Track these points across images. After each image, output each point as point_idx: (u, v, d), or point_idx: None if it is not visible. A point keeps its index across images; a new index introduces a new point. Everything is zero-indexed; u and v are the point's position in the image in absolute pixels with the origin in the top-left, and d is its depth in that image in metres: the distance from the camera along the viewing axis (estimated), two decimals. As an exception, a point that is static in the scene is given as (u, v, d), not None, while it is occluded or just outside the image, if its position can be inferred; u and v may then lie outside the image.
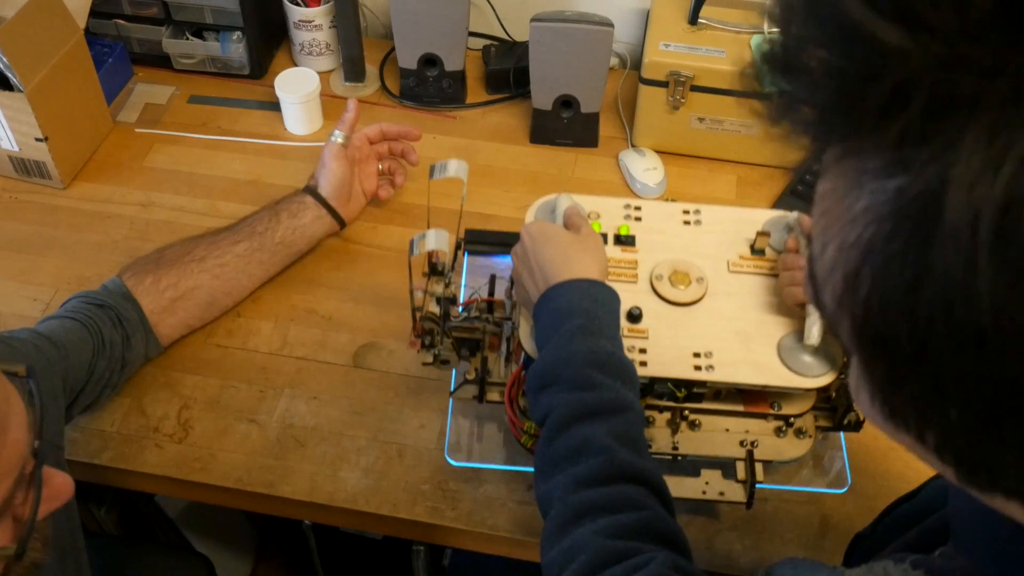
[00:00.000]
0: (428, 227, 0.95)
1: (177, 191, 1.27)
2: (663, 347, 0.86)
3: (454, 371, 1.01)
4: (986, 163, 0.29)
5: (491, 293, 0.98)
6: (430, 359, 0.95)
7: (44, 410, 0.60)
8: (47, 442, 0.60)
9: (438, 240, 0.84)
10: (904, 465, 1.00)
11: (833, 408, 0.94)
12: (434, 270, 0.95)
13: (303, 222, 1.13)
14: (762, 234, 0.91)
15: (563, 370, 0.74)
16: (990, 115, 0.29)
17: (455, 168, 0.92)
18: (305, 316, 1.13)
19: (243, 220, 1.12)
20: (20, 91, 1.14)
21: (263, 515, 1.60)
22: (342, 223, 1.17)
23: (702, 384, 0.86)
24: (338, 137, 1.16)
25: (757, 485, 0.90)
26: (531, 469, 0.94)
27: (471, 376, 0.95)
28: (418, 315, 0.92)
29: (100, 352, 0.96)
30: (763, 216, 0.94)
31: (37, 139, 1.19)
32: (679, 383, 0.87)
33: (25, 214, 1.23)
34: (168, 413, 1.03)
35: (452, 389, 0.99)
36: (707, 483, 0.92)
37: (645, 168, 1.26)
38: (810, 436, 0.92)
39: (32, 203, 1.24)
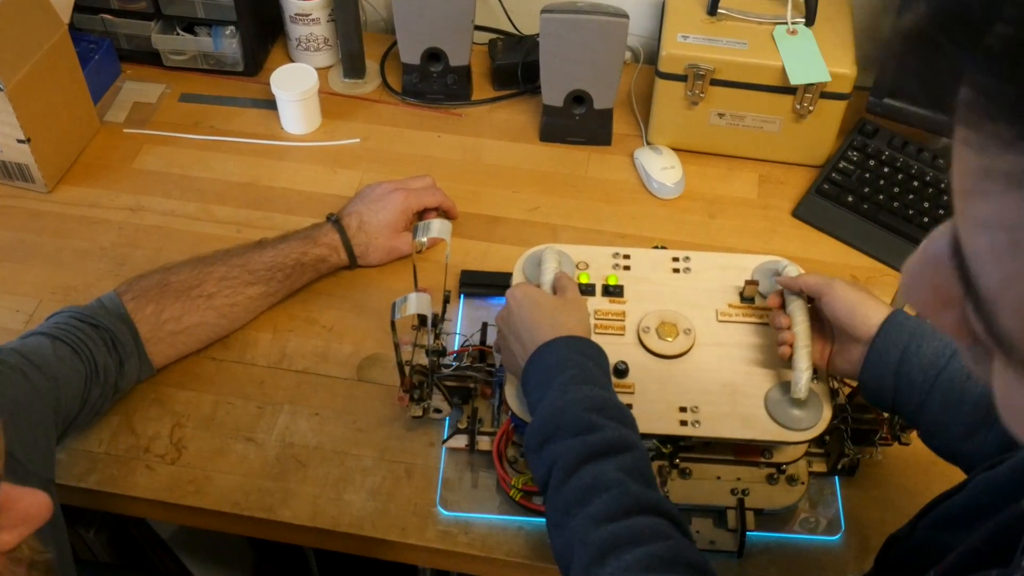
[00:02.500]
0: (416, 286, 0.92)
1: (168, 194, 1.20)
2: (649, 402, 0.85)
3: (447, 420, 0.97)
4: None
5: (483, 341, 0.97)
6: (419, 412, 0.93)
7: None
8: (17, 462, 0.56)
9: (419, 304, 0.84)
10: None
11: (827, 453, 0.93)
12: (423, 322, 0.93)
13: (323, 269, 1.07)
14: (750, 283, 0.92)
15: (562, 419, 0.72)
16: None
17: (438, 229, 0.89)
18: (305, 327, 1.06)
19: (261, 253, 1.02)
20: (1, 90, 1.07)
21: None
22: (354, 266, 1.10)
23: (687, 439, 0.85)
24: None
25: (748, 534, 0.88)
26: (525, 519, 0.90)
27: (463, 425, 0.93)
28: (407, 369, 0.90)
29: (93, 379, 0.89)
30: (754, 262, 0.95)
31: (19, 140, 1.12)
32: (664, 439, 0.86)
33: (7, 220, 1.16)
34: (160, 432, 0.97)
35: (444, 438, 0.95)
36: (698, 532, 0.90)
37: (662, 167, 1.20)
38: (803, 483, 0.90)
39: (14, 208, 1.17)
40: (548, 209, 1.19)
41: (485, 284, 1.08)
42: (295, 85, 1.23)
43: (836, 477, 0.94)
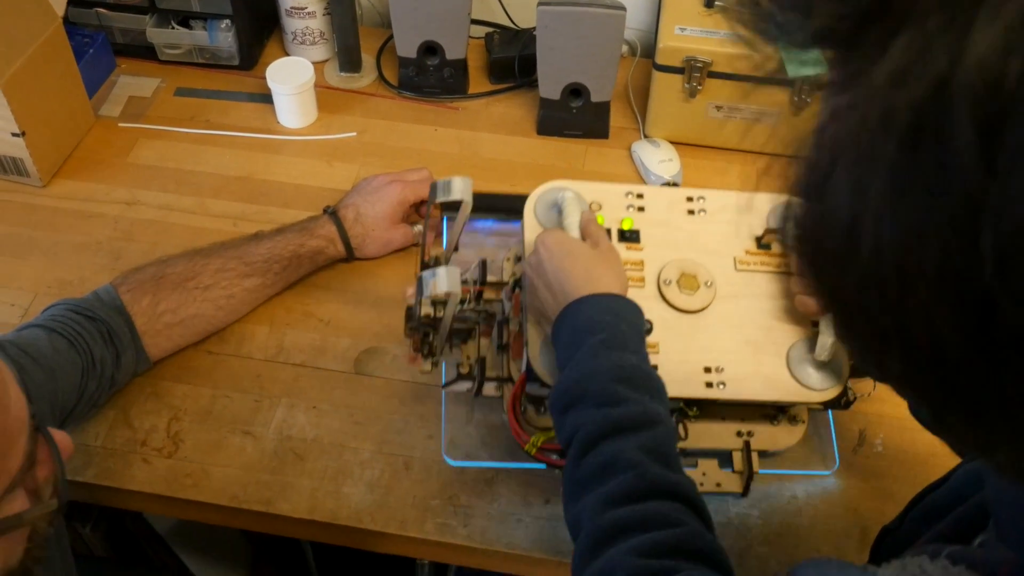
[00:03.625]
0: (423, 257, 0.90)
1: (164, 188, 1.19)
2: (674, 363, 0.83)
3: (444, 364, 0.95)
4: (899, 79, 0.27)
5: (483, 281, 0.93)
6: (429, 368, 0.91)
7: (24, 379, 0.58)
8: (37, 406, 0.60)
9: (451, 281, 0.79)
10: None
11: None
12: (424, 266, 0.90)
13: (320, 261, 1.07)
14: (770, 231, 0.89)
15: (587, 387, 0.70)
16: (918, 27, 0.27)
17: (460, 189, 0.85)
18: (302, 320, 1.05)
19: (257, 245, 1.02)
20: (-6, 82, 1.07)
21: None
22: (351, 259, 1.09)
23: (713, 402, 0.84)
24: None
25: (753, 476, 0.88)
26: (534, 465, 0.89)
27: (464, 370, 0.90)
28: (415, 328, 0.87)
29: (90, 373, 0.88)
30: (769, 201, 0.88)
31: (14, 134, 1.12)
32: (691, 402, 0.84)
33: (1, 214, 1.15)
34: (156, 425, 0.96)
35: (443, 383, 0.92)
36: (704, 474, 0.90)
37: (660, 160, 1.20)
38: (803, 422, 0.90)
39: (9, 203, 1.17)
40: (545, 202, 1.18)
41: (478, 208, 1.01)
42: (291, 79, 1.22)
43: (829, 410, 0.94)
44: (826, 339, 0.81)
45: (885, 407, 0.99)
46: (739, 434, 0.89)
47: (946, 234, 0.27)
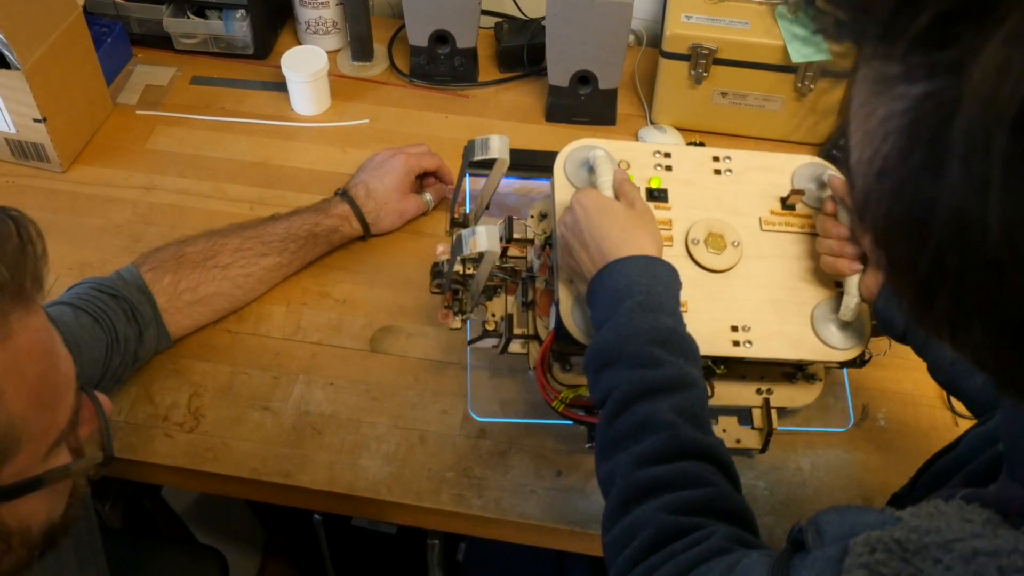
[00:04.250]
0: (453, 215, 0.91)
1: (181, 174, 1.22)
2: (702, 321, 0.84)
3: (468, 321, 0.96)
4: (1003, 71, 0.28)
5: (509, 238, 0.94)
6: (458, 325, 0.92)
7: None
8: (77, 370, 0.61)
9: (490, 240, 0.79)
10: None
11: None
12: (455, 224, 0.91)
13: (335, 240, 1.09)
14: (796, 192, 0.90)
15: (624, 348, 0.71)
16: (1013, 22, 0.28)
17: (498, 147, 0.85)
18: (319, 300, 1.08)
19: (274, 225, 1.05)
20: (18, 69, 1.09)
21: (271, 511, 1.56)
22: (368, 235, 1.12)
23: (739, 360, 0.85)
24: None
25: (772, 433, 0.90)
26: (557, 422, 0.91)
27: (491, 327, 0.91)
28: (442, 280, 0.88)
29: (114, 348, 0.91)
30: (793, 162, 0.93)
31: (35, 120, 1.14)
32: (718, 360, 0.85)
33: (23, 199, 1.18)
34: (178, 401, 0.99)
35: (469, 339, 0.94)
36: (724, 431, 0.92)
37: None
38: (820, 380, 0.92)
39: (30, 187, 1.19)
40: (555, 186, 1.21)
41: (491, 162, 1.01)
42: (305, 67, 1.25)
43: (845, 370, 0.96)
44: (851, 299, 0.82)
45: (888, 383, 1.02)
46: (759, 392, 0.90)
47: None
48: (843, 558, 0.44)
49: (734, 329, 0.84)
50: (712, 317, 0.84)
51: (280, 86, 1.30)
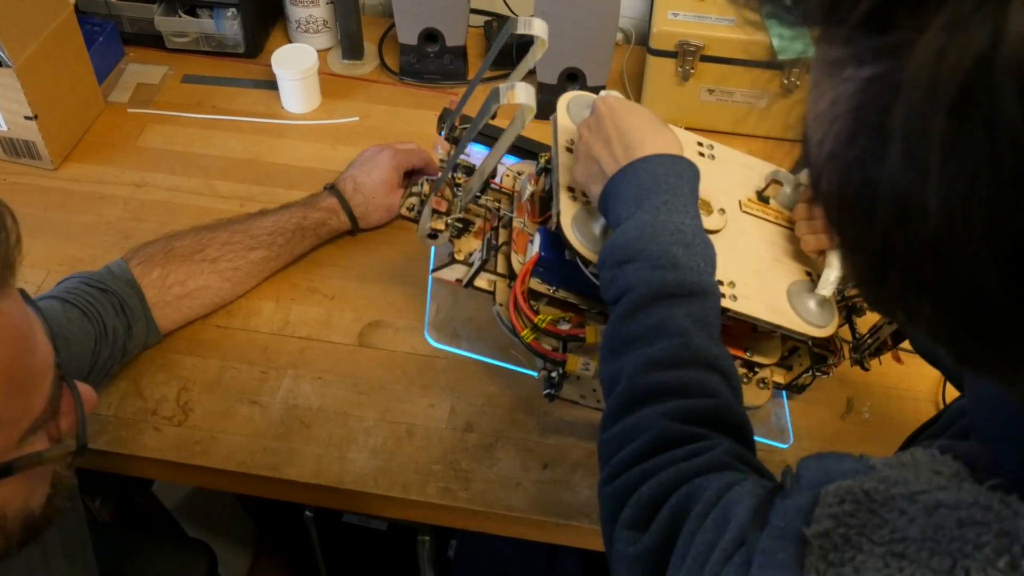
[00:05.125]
0: (453, 124, 0.90)
1: (172, 171, 1.23)
2: None
3: (433, 249, 0.96)
4: (941, 57, 0.28)
5: (493, 175, 0.95)
6: (442, 226, 0.90)
7: (51, 327, 0.61)
8: (62, 357, 0.61)
9: (527, 94, 0.73)
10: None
11: (789, 367, 0.95)
12: (452, 140, 0.92)
13: (323, 233, 1.10)
14: (775, 181, 0.91)
15: (647, 245, 0.69)
16: (952, 8, 0.28)
17: (540, 26, 0.83)
18: (307, 295, 1.09)
19: (262, 219, 1.06)
20: (9, 66, 1.10)
21: (263, 508, 1.57)
22: (356, 230, 1.13)
23: (724, 311, 0.84)
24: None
25: None
26: (506, 365, 0.90)
27: (459, 256, 0.91)
28: (450, 135, 0.89)
29: (103, 341, 0.91)
30: (768, 167, 0.95)
31: (26, 117, 1.15)
32: None
33: (15, 195, 1.19)
34: (167, 396, 0.99)
35: (432, 267, 0.94)
36: None
37: (654, 142, 1.23)
38: (769, 388, 0.93)
39: (22, 184, 1.20)
40: (543, 183, 1.22)
41: (495, 136, 1.04)
42: (296, 64, 1.26)
43: (784, 392, 0.98)
44: (831, 272, 0.83)
45: (872, 376, 1.02)
46: None
47: (996, 195, 0.29)
48: (813, 508, 0.44)
49: (720, 283, 0.84)
50: None
51: (271, 84, 1.31)
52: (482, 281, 0.92)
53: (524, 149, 1.08)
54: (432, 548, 1.30)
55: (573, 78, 1.25)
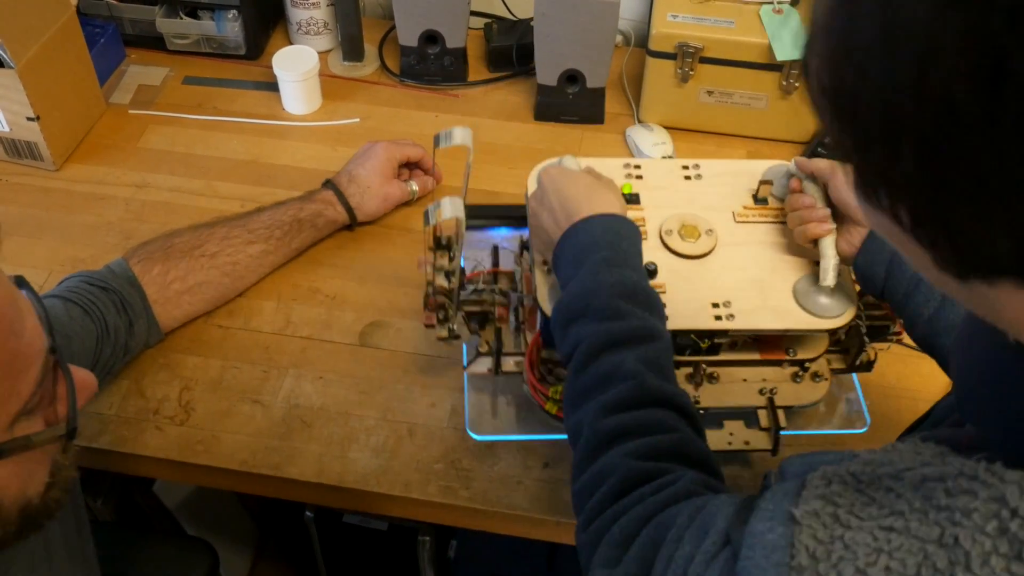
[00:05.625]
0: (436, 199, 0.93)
1: (173, 172, 1.23)
2: (681, 300, 0.86)
3: (464, 346, 0.99)
4: None
5: (495, 264, 0.98)
6: (445, 333, 0.93)
7: (46, 313, 0.61)
8: (58, 342, 0.61)
9: (454, 208, 0.82)
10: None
11: (845, 350, 0.95)
12: (439, 244, 0.93)
13: (320, 225, 1.10)
14: (764, 183, 0.93)
15: (590, 301, 0.73)
16: None
17: (460, 136, 0.89)
18: (308, 295, 1.09)
19: (260, 214, 1.07)
20: (11, 67, 1.10)
21: (263, 508, 1.57)
22: (354, 222, 1.14)
23: (723, 333, 0.86)
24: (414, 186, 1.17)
25: (781, 432, 0.90)
26: (552, 436, 0.93)
27: (484, 349, 0.93)
28: (429, 289, 0.90)
29: (104, 339, 0.92)
30: (761, 166, 0.96)
31: (28, 118, 1.15)
32: (702, 334, 0.87)
33: (17, 196, 1.19)
34: (168, 395, 1.00)
35: (465, 364, 0.97)
36: (731, 434, 0.92)
37: (654, 143, 1.24)
38: (826, 379, 0.93)
39: (24, 185, 1.20)
40: (543, 184, 1.22)
41: (486, 216, 1.08)
42: (297, 66, 1.26)
43: (854, 374, 0.97)
44: (828, 261, 0.83)
45: (872, 377, 1.03)
46: (762, 392, 0.91)
47: (968, 4, 0.31)
48: (801, 491, 0.45)
49: (715, 306, 0.86)
50: (692, 297, 0.86)
51: (271, 86, 1.31)
52: (509, 364, 0.94)
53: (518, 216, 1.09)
54: (432, 548, 1.31)
55: (573, 79, 1.26)
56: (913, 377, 1.03)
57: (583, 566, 0.66)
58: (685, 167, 0.96)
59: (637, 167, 0.96)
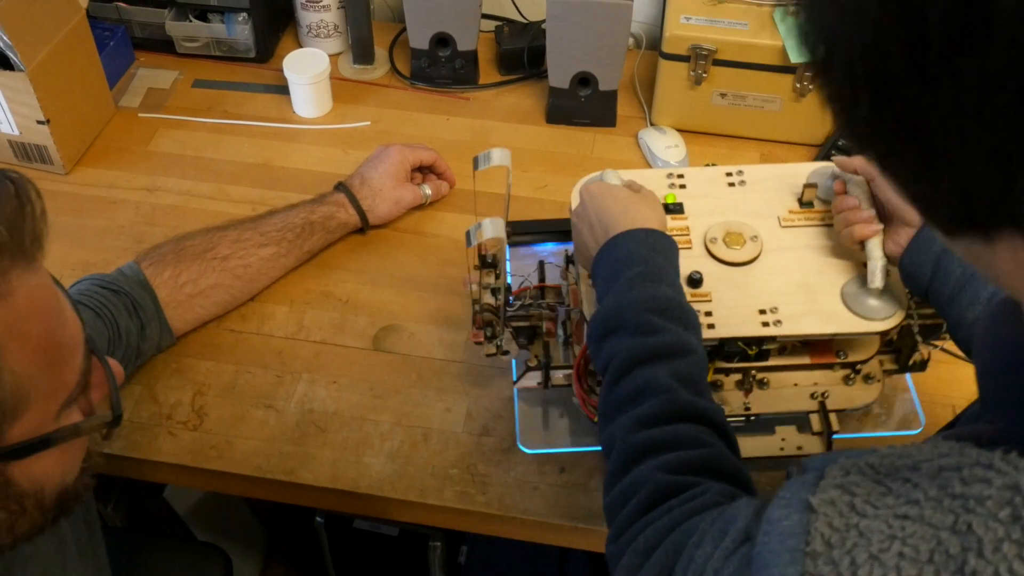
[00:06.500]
0: (477, 219, 0.93)
1: (184, 175, 1.22)
2: (728, 308, 0.86)
3: (513, 362, 0.99)
4: None
5: (541, 279, 0.98)
6: (493, 349, 0.94)
7: (75, 306, 0.62)
8: (87, 335, 0.62)
9: (494, 228, 0.81)
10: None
11: (897, 350, 0.93)
12: (484, 262, 0.94)
13: (332, 227, 1.10)
14: (809, 186, 0.92)
15: (624, 316, 0.73)
16: None
17: (499, 157, 0.88)
18: (321, 299, 1.08)
19: (271, 217, 1.06)
20: (21, 70, 1.10)
21: (273, 514, 1.56)
22: (366, 225, 1.13)
23: (772, 339, 0.86)
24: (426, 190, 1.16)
25: (834, 436, 0.89)
26: (600, 448, 0.92)
27: (532, 363, 0.94)
28: (476, 308, 0.91)
29: (116, 342, 0.91)
30: (806, 169, 0.95)
31: (39, 122, 1.15)
32: (749, 341, 0.86)
33: (26, 200, 1.18)
34: (181, 400, 0.99)
35: (515, 379, 0.97)
36: (783, 439, 0.92)
37: (666, 146, 1.23)
38: (879, 381, 0.92)
39: (33, 189, 1.20)
40: (556, 187, 1.22)
41: (531, 232, 1.07)
42: (307, 69, 1.26)
43: (908, 374, 0.96)
44: (876, 263, 0.82)
45: (900, 380, 1.01)
46: (813, 396, 0.91)
47: None
48: (819, 481, 0.45)
49: (762, 312, 0.85)
50: (738, 304, 0.86)
51: (282, 89, 1.31)
52: (558, 377, 0.94)
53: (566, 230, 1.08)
54: (443, 554, 1.30)
55: (585, 82, 1.25)
56: (939, 380, 1.01)
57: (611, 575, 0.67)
58: (728, 174, 0.96)
59: (680, 176, 0.96)
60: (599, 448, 0.93)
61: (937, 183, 0.36)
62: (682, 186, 0.95)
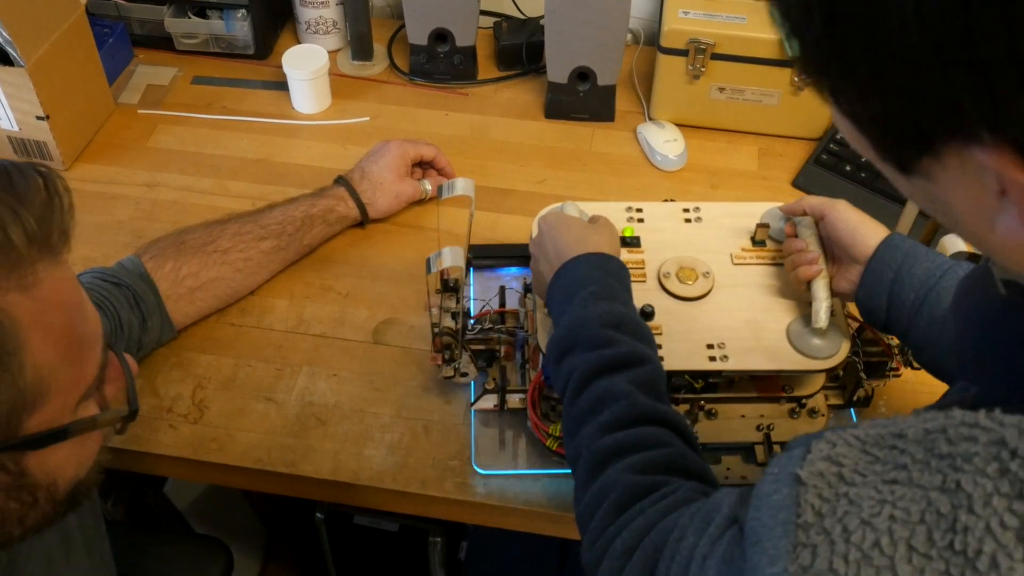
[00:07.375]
0: (439, 246, 0.94)
1: (183, 171, 1.23)
2: (677, 341, 0.88)
3: (472, 384, 1.00)
4: None
5: (502, 304, 1.00)
6: (451, 373, 0.95)
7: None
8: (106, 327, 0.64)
9: (454, 257, 0.85)
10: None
11: (843, 386, 0.96)
12: (446, 287, 0.96)
13: (332, 220, 1.10)
14: (761, 226, 0.95)
15: (579, 334, 0.75)
16: None
17: (462, 187, 0.91)
18: (321, 293, 1.09)
19: (272, 210, 1.07)
20: (21, 66, 1.10)
21: (273, 510, 1.56)
22: (366, 219, 1.14)
23: (717, 374, 0.88)
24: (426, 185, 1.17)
25: None
26: (556, 471, 0.93)
27: (490, 386, 0.95)
28: (435, 331, 0.92)
29: (118, 335, 0.91)
30: (760, 208, 0.98)
31: (38, 117, 1.15)
32: (696, 374, 0.88)
33: (26, 196, 1.18)
34: (182, 393, 0.99)
35: (472, 400, 0.98)
36: (728, 469, 0.93)
37: (665, 140, 1.23)
38: (823, 415, 0.94)
39: (33, 185, 1.20)
40: (555, 181, 1.22)
41: (494, 256, 1.10)
42: (306, 65, 1.26)
43: (852, 409, 0.97)
44: (820, 303, 0.84)
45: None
46: (759, 428, 0.92)
47: None
48: (806, 455, 0.45)
49: (709, 347, 0.87)
50: (687, 338, 0.88)
51: (281, 85, 1.31)
52: (515, 400, 0.95)
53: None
54: (443, 549, 1.30)
55: (584, 77, 1.26)
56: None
57: None
58: (686, 210, 0.98)
59: (639, 210, 0.98)
60: (553, 472, 0.94)
61: (886, 96, 0.38)
62: (640, 220, 0.97)
